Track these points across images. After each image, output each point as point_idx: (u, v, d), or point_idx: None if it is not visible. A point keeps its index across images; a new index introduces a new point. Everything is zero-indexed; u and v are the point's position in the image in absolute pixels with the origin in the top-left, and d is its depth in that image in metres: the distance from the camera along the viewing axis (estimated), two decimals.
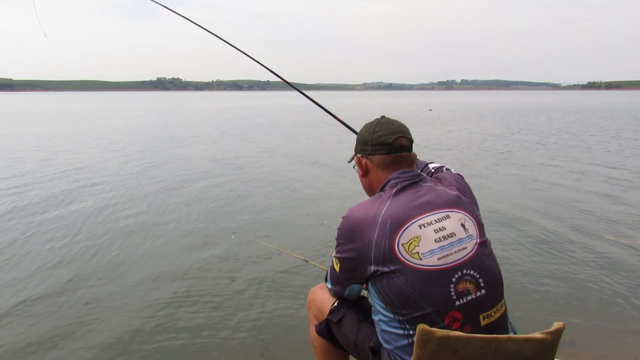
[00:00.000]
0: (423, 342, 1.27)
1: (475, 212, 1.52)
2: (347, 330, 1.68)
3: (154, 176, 8.04)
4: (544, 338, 1.30)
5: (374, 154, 1.60)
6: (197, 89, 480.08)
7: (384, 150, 1.58)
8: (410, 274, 1.37)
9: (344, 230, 1.50)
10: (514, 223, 5.08)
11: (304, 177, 7.96)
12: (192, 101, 69.73)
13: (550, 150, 11.18)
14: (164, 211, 5.71)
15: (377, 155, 1.59)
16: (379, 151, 1.59)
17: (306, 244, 4.48)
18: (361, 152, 1.65)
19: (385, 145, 1.58)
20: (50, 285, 3.55)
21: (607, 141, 13.13)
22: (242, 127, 18.96)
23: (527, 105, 44.09)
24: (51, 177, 7.96)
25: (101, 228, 5.01)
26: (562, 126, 18.73)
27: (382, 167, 1.59)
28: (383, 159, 1.59)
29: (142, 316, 3.08)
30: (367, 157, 1.63)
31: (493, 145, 12.20)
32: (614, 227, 4.95)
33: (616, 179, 7.66)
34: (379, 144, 1.58)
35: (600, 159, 9.74)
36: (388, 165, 1.58)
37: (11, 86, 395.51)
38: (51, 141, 13.62)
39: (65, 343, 2.76)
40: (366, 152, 1.62)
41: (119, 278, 3.70)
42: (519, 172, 8.31)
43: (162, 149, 11.74)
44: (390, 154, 1.58)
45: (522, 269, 3.81)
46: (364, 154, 1.64)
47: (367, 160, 1.63)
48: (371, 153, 1.61)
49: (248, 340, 2.81)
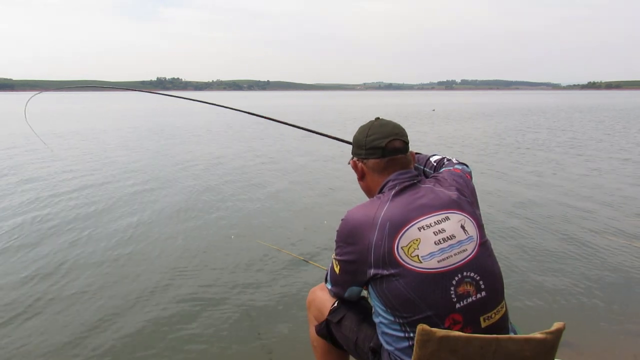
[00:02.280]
0: (423, 342, 1.27)
1: (475, 213, 1.51)
2: (348, 330, 1.67)
3: (150, 174, 8.04)
4: (544, 338, 1.30)
5: (367, 158, 1.60)
6: (197, 89, 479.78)
7: (377, 155, 1.58)
8: (410, 277, 1.37)
9: (343, 233, 1.49)
10: (515, 222, 5.08)
11: (304, 177, 7.95)
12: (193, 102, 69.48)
13: (552, 150, 11.18)
14: (163, 211, 5.71)
15: (371, 160, 1.59)
16: (373, 155, 1.58)
17: (306, 244, 4.48)
18: (357, 156, 1.64)
19: (378, 149, 1.57)
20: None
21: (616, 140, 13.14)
22: (248, 126, 18.95)
23: (530, 105, 44.03)
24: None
25: (99, 228, 5.01)
26: (561, 125, 18.74)
27: (377, 170, 1.59)
28: (377, 162, 1.58)
29: (140, 316, 3.08)
30: (362, 160, 1.62)
31: (501, 143, 12.21)
32: (614, 226, 4.95)
33: (619, 180, 7.66)
34: (372, 148, 1.58)
35: (608, 157, 9.74)
36: (383, 169, 1.58)
37: (11, 86, 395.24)
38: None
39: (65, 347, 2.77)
40: (361, 156, 1.62)
41: (117, 278, 3.70)
42: (522, 171, 8.31)
43: (155, 148, 11.75)
44: (384, 157, 1.57)
45: (522, 269, 3.81)
46: (359, 157, 1.63)
47: (362, 164, 1.63)
48: (365, 157, 1.60)
49: (248, 340, 2.81)
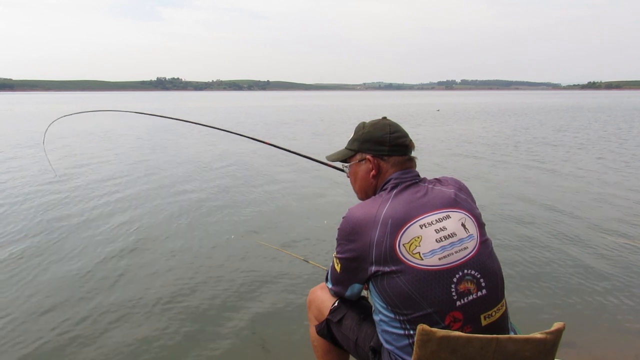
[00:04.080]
0: (423, 342, 1.27)
1: (475, 212, 1.52)
2: (348, 330, 1.68)
3: (153, 173, 8.05)
4: (544, 338, 1.30)
5: (391, 155, 1.60)
6: (197, 89, 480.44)
7: (401, 152, 1.60)
8: (412, 274, 1.37)
9: (344, 231, 1.49)
10: (515, 222, 5.08)
11: (304, 177, 7.95)
12: (193, 102, 69.60)
13: (555, 149, 11.19)
14: (163, 211, 5.71)
15: (394, 157, 1.59)
16: (397, 152, 1.59)
17: (306, 244, 4.48)
18: (373, 152, 1.61)
19: (403, 147, 1.60)
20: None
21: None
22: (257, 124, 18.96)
23: (532, 105, 44.03)
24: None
25: (94, 231, 5.02)
26: (565, 123, 18.76)
27: (397, 167, 1.59)
28: (400, 159, 1.60)
29: (138, 316, 3.08)
30: (381, 157, 1.61)
31: (505, 142, 12.21)
32: (614, 226, 4.95)
33: (621, 180, 7.67)
34: (397, 145, 1.59)
35: (612, 160, 9.74)
36: (401, 165, 1.59)
37: (11, 86, 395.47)
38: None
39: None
40: (382, 152, 1.60)
41: (115, 279, 3.70)
42: (524, 171, 8.31)
43: (148, 155, 11.75)
44: (406, 155, 1.61)
45: (522, 269, 3.81)
46: (377, 153, 1.61)
47: (380, 161, 1.61)
48: (388, 154, 1.60)
49: (248, 340, 2.81)
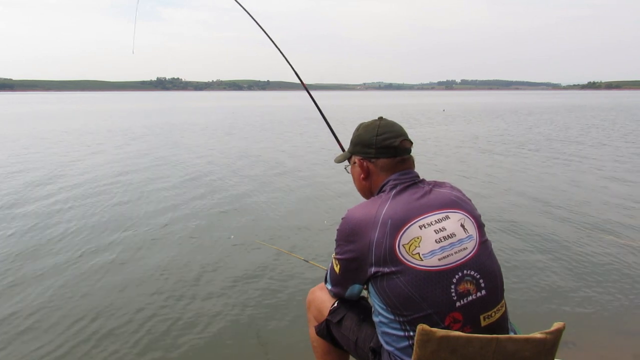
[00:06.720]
0: (423, 342, 1.27)
1: (475, 213, 1.52)
2: (348, 330, 1.67)
3: (153, 174, 8.05)
4: (544, 338, 1.29)
5: (378, 157, 1.58)
6: (197, 89, 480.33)
7: (389, 154, 1.57)
8: (411, 274, 1.37)
9: (343, 232, 1.49)
10: (515, 222, 5.08)
11: (304, 176, 7.96)
12: (193, 101, 69.63)
13: (556, 149, 11.19)
14: (162, 210, 5.71)
15: (382, 159, 1.57)
16: (384, 155, 1.57)
17: (306, 244, 4.48)
18: (362, 155, 1.62)
19: (391, 149, 1.56)
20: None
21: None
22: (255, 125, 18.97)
23: (534, 105, 44.03)
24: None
25: (95, 231, 5.02)
26: (565, 122, 18.76)
27: (386, 170, 1.57)
28: (388, 162, 1.57)
29: (137, 315, 3.08)
30: (369, 160, 1.60)
31: (511, 141, 12.22)
32: (614, 226, 4.95)
33: (622, 179, 7.67)
34: (384, 147, 1.56)
35: (611, 160, 9.74)
36: (392, 168, 1.57)
37: (11, 86, 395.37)
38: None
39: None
40: (369, 155, 1.59)
41: (113, 279, 3.70)
42: (527, 171, 8.32)
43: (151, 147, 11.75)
44: (395, 157, 1.57)
45: (522, 269, 3.81)
46: (365, 156, 1.61)
47: (369, 164, 1.60)
48: (375, 156, 1.58)
49: (247, 340, 2.81)
